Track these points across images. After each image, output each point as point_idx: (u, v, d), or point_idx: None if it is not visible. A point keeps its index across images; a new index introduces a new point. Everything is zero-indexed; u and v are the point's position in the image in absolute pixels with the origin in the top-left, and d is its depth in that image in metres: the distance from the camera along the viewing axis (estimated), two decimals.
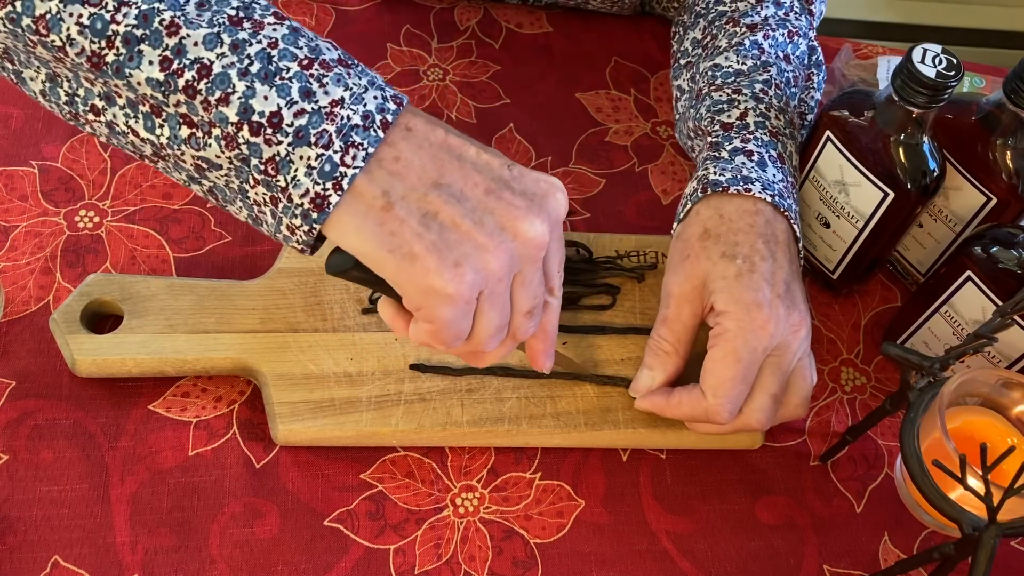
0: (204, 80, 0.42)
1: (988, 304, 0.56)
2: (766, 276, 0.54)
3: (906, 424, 0.51)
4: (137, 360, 0.57)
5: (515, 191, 0.45)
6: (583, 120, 0.76)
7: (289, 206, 0.43)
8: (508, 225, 0.44)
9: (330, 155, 0.42)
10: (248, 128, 0.42)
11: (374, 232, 0.43)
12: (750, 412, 0.54)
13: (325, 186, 0.42)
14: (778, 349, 0.54)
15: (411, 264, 0.43)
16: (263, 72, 0.42)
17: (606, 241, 0.66)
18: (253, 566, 0.53)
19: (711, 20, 0.71)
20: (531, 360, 0.54)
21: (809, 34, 0.70)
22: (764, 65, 0.64)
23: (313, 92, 0.42)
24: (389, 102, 0.44)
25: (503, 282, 0.45)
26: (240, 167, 0.43)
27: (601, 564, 0.56)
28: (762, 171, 0.58)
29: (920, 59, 0.53)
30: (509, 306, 0.47)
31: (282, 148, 0.42)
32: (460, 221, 0.43)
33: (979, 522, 0.47)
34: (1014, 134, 0.57)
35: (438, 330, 0.45)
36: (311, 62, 0.43)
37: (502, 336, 0.48)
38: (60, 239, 0.63)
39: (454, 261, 0.43)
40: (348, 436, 0.57)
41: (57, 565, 0.52)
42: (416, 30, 0.80)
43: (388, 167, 0.43)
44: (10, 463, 0.55)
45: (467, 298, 0.44)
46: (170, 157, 0.45)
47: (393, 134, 0.44)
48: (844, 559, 0.57)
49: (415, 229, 0.43)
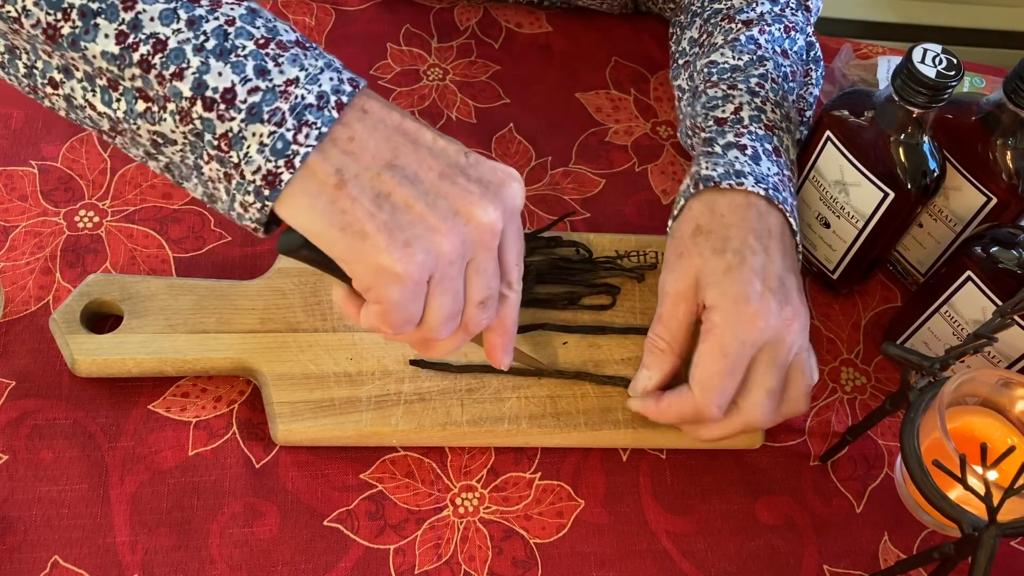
0: (159, 55, 0.42)
1: (988, 304, 0.56)
2: (756, 270, 0.54)
3: (906, 424, 0.51)
4: (137, 360, 0.57)
5: (470, 177, 0.45)
6: (583, 120, 0.76)
7: (242, 183, 0.43)
8: (461, 209, 0.44)
9: (282, 133, 0.42)
10: (202, 103, 0.42)
11: (326, 210, 0.43)
12: (748, 409, 0.53)
13: (277, 163, 0.42)
14: (771, 344, 0.53)
15: (361, 242, 0.43)
16: (219, 49, 0.42)
17: (606, 241, 0.66)
18: (253, 566, 0.53)
19: (707, 18, 0.71)
20: (488, 355, 0.53)
21: (807, 29, 0.70)
22: (760, 60, 0.64)
23: (268, 71, 0.43)
24: (345, 84, 0.44)
25: (454, 266, 0.45)
26: (194, 142, 0.44)
27: (601, 564, 0.56)
28: (755, 165, 0.58)
29: (920, 59, 0.53)
30: (462, 293, 0.46)
31: (235, 124, 0.42)
32: (413, 202, 0.43)
33: (979, 522, 0.47)
34: (1014, 134, 0.57)
35: (387, 312, 0.45)
36: (267, 42, 0.43)
37: (454, 325, 0.47)
38: (60, 239, 0.63)
39: (404, 241, 0.43)
40: (348, 436, 0.57)
41: (57, 565, 0.52)
42: (416, 30, 0.80)
43: (342, 146, 0.43)
44: (10, 463, 0.55)
45: (416, 279, 0.44)
46: (127, 132, 0.45)
47: (348, 115, 0.44)
48: (844, 559, 0.57)
49: (367, 208, 0.43)
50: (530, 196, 0.71)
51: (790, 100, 0.64)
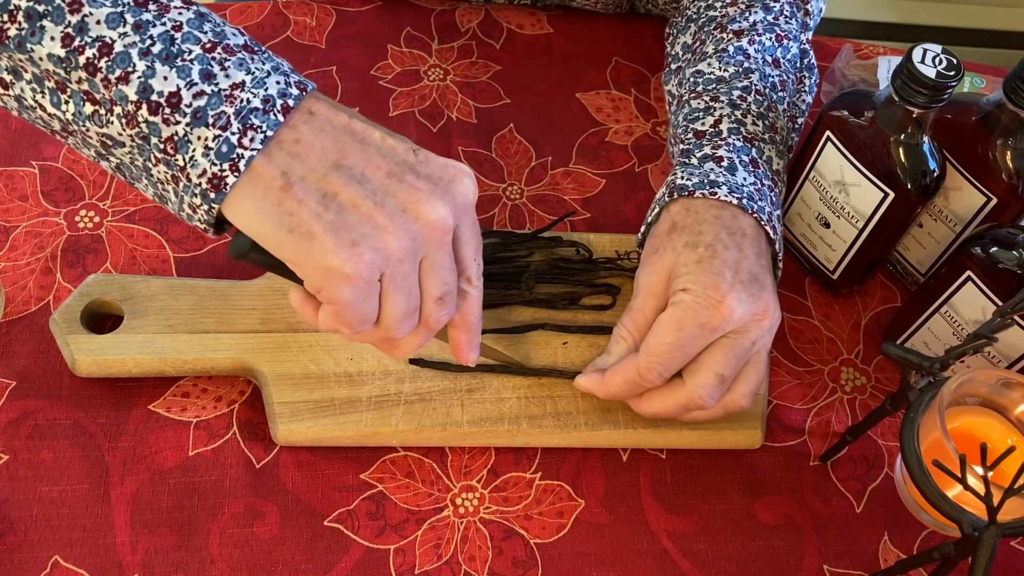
0: (105, 58, 0.42)
1: (988, 304, 0.56)
2: (729, 263, 0.54)
3: (906, 424, 0.51)
4: (137, 360, 0.57)
5: (419, 175, 0.45)
6: (583, 120, 0.76)
7: (188, 185, 0.44)
8: (410, 207, 0.44)
9: (227, 136, 0.42)
10: (147, 107, 0.42)
11: (272, 212, 0.43)
12: (693, 387, 0.53)
13: (222, 167, 0.43)
14: (735, 333, 0.53)
15: (309, 244, 0.43)
16: (164, 53, 0.42)
17: (606, 241, 0.66)
18: (253, 566, 0.53)
19: (701, 25, 0.71)
20: (454, 352, 0.53)
21: (801, 37, 0.70)
22: (746, 72, 0.64)
23: (214, 75, 0.43)
24: (292, 87, 0.44)
25: (405, 264, 0.45)
26: (141, 145, 0.44)
27: (601, 564, 0.56)
28: (731, 175, 0.58)
29: (920, 59, 0.54)
30: (416, 291, 0.46)
31: (180, 128, 0.43)
32: (360, 202, 0.43)
33: (979, 522, 0.47)
34: (1014, 134, 0.57)
35: (341, 312, 0.45)
36: (214, 46, 0.43)
37: (412, 323, 0.47)
38: (60, 239, 0.63)
39: (351, 241, 0.43)
40: (348, 436, 0.57)
41: (57, 565, 0.52)
42: (417, 31, 0.80)
43: (288, 148, 0.44)
44: (10, 463, 0.55)
45: (366, 278, 0.44)
46: (77, 133, 0.45)
47: (295, 117, 0.44)
48: (844, 559, 0.57)
49: (314, 209, 0.43)
50: (530, 196, 0.71)
51: (779, 110, 0.64)
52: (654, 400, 0.55)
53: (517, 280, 0.63)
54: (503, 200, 0.70)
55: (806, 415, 0.63)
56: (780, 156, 0.62)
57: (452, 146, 0.73)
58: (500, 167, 0.72)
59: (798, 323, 0.67)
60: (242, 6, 0.79)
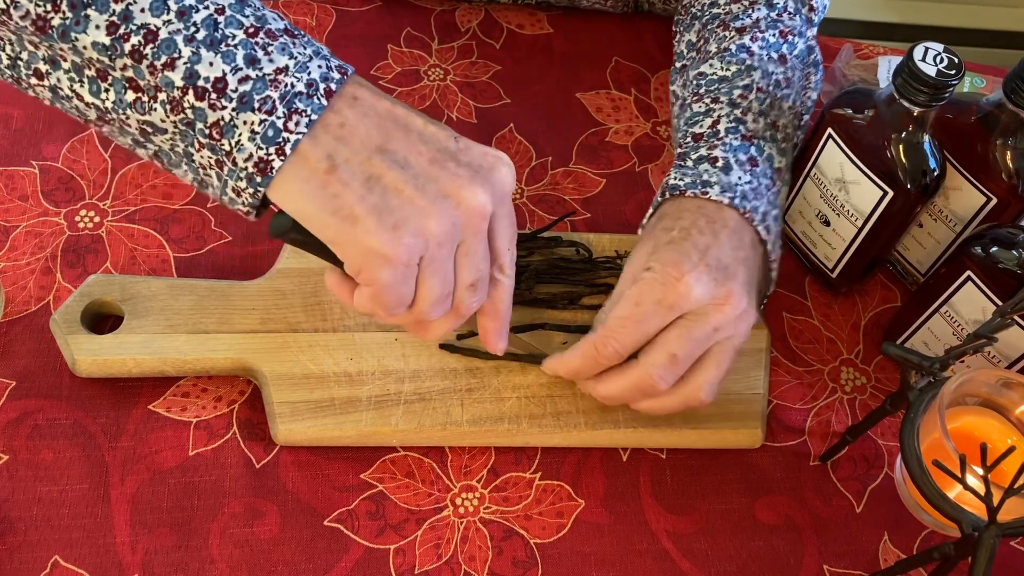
0: (150, 45, 0.42)
1: (988, 304, 0.56)
2: (699, 246, 0.54)
3: (906, 424, 0.51)
4: (137, 360, 0.57)
5: (460, 162, 0.46)
6: (583, 120, 0.76)
7: (234, 169, 0.44)
8: (451, 193, 0.45)
9: (273, 121, 0.43)
10: (193, 93, 0.43)
11: (317, 194, 0.43)
12: (644, 364, 0.53)
13: (268, 151, 0.43)
14: (693, 315, 0.53)
15: (352, 226, 0.43)
16: (209, 39, 0.43)
17: (606, 241, 0.66)
18: (253, 566, 0.53)
19: (705, 23, 0.71)
20: (482, 340, 0.54)
21: (807, 33, 0.70)
22: (748, 69, 0.64)
23: (258, 59, 0.43)
24: (333, 72, 0.45)
25: (444, 248, 0.45)
26: (185, 131, 0.44)
27: (601, 564, 0.56)
28: (724, 175, 0.58)
29: (921, 57, 0.54)
30: (451, 276, 0.47)
31: (226, 113, 0.43)
32: (403, 186, 0.44)
33: (979, 522, 0.47)
34: (1014, 134, 0.57)
35: (379, 294, 0.45)
36: (257, 30, 0.44)
37: (445, 307, 0.48)
38: (60, 239, 0.63)
39: (393, 224, 0.43)
40: (348, 436, 0.57)
41: (57, 565, 0.52)
42: (417, 31, 0.80)
43: (334, 132, 0.44)
44: (10, 463, 0.55)
45: (406, 261, 0.44)
46: (115, 121, 0.46)
47: (339, 102, 0.45)
48: (844, 559, 0.57)
49: (357, 192, 0.43)
50: (530, 196, 0.71)
51: (783, 107, 0.64)
52: (609, 381, 0.55)
53: (517, 280, 0.63)
54: None
55: (806, 415, 0.63)
56: (782, 154, 0.62)
57: None
58: None
59: (798, 323, 0.67)
60: None
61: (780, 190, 0.61)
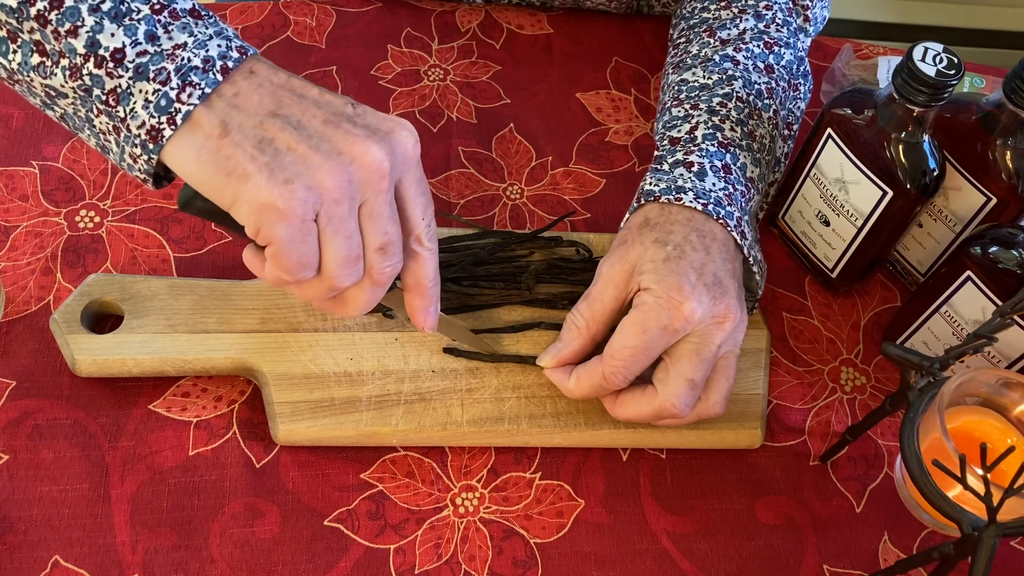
0: (55, 11, 0.44)
1: (988, 304, 0.56)
2: (695, 265, 0.54)
3: (906, 424, 0.51)
4: (137, 360, 0.57)
5: (356, 124, 0.46)
6: (583, 120, 0.76)
7: (129, 135, 0.45)
8: (344, 149, 0.45)
9: (166, 91, 0.44)
10: (94, 61, 0.44)
11: (211, 159, 0.44)
12: (666, 395, 0.54)
13: (160, 119, 0.44)
14: (697, 335, 0.54)
15: (244, 184, 0.44)
16: (114, 11, 0.44)
17: (606, 241, 0.66)
18: (253, 566, 0.53)
19: (691, 25, 0.71)
20: (411, 318, 0.54)
21: (796, 44, 0.70)
22: (730, 79, 0.65)
23: (158, 37, 0.45)
24: (233, 51, 0.46)
25: (341, 205, 0.45)
26: (84, 96, 0.46)
27: (601, 564, 0.56)
28: (699, 181, 0.58)
29: (921, 57, 0.54)
30: (357, 237, 0.47)
31: (123, 81, 0.45)
32: (295, 145, 0.45)
33: (979, 522, 0.47)
34: (1014, 134, 0.57)
35: (279, 254, 0.45)
36: (163, 8, 0.45)
37: (355, 272, 0.47)
38: (60, 239, 0.63)
39: (285, 178, 0.44)
40: (348, 436, 0.57)
41: (57, 565, 0.52)
42: (417, 31, 0.80)
43: (227, 100, 0.45)
44: (10, 463, 0.55)
45: (300, 215, 0.44)
46: (23, 82, 0.47)
47: (234, 75, 0.46)
48: (844, 559, 0.57)
49: (249, 152, 0.44)
50: (530, 196, 0.71)
51: (762, 117, 0.64)
52: (628, 406, 0.56)
53: (517, 280, 0.63)
54: (503, 200, 0.70)
55: (806, 415, 0.63)
56: (756, 164, 0.62)
57: (452, 146, 0.73)
58: (500, 167, 0.72)
59: (798, 323, 0.67)
60: (242, 6, 0.79)
61: (752, 198, 0.61)
